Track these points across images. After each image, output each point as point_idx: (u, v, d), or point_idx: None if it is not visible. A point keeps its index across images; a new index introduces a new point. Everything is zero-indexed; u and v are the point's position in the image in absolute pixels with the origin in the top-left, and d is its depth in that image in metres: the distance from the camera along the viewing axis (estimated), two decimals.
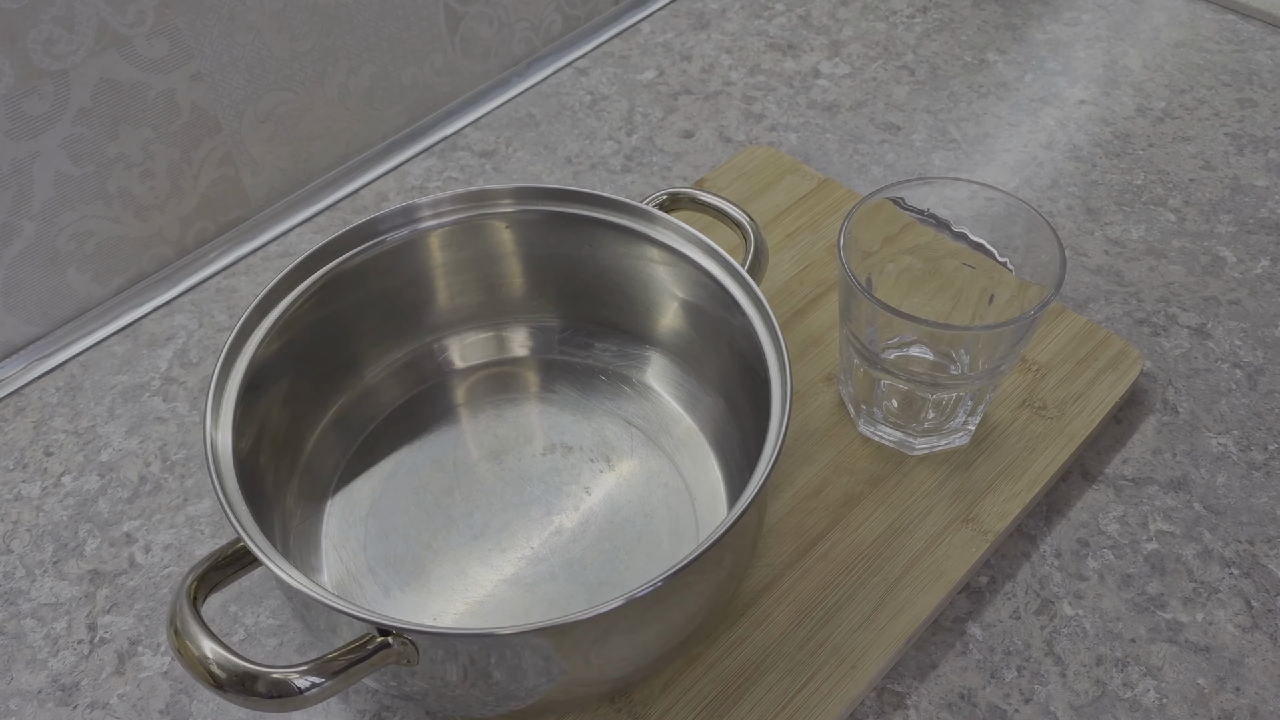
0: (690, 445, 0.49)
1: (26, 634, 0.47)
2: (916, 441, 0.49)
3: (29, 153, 0.52)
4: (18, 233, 0.54)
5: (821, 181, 0.62)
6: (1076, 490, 0.50)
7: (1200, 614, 0.46)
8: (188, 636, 0.35)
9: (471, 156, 0.67)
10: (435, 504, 0.48)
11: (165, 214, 0.59)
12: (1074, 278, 0.59)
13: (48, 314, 0.58)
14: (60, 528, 0.50)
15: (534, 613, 0.44)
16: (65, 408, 0.55)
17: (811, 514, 0.48)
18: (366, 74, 0.64)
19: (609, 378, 0.52)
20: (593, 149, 0.67)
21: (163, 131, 0.57)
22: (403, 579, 0.45)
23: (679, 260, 0.47)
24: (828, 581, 0.46)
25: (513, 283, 0.52)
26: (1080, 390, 0.52)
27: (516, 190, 0.48)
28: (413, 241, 0.48)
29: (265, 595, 0.47)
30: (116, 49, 0.53)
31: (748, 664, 0.43)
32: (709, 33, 0.75)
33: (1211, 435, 0.52)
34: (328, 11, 0.60)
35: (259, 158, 0.62)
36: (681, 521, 0.47)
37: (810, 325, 0.55)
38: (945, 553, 0.46)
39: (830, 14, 0.76)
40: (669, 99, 0.70)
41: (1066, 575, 0.47)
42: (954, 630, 0.46)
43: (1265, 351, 0.55)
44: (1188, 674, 0.44)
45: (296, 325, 0.45)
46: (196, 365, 0.57)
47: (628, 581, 0.45)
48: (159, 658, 0.46)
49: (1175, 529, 0.49)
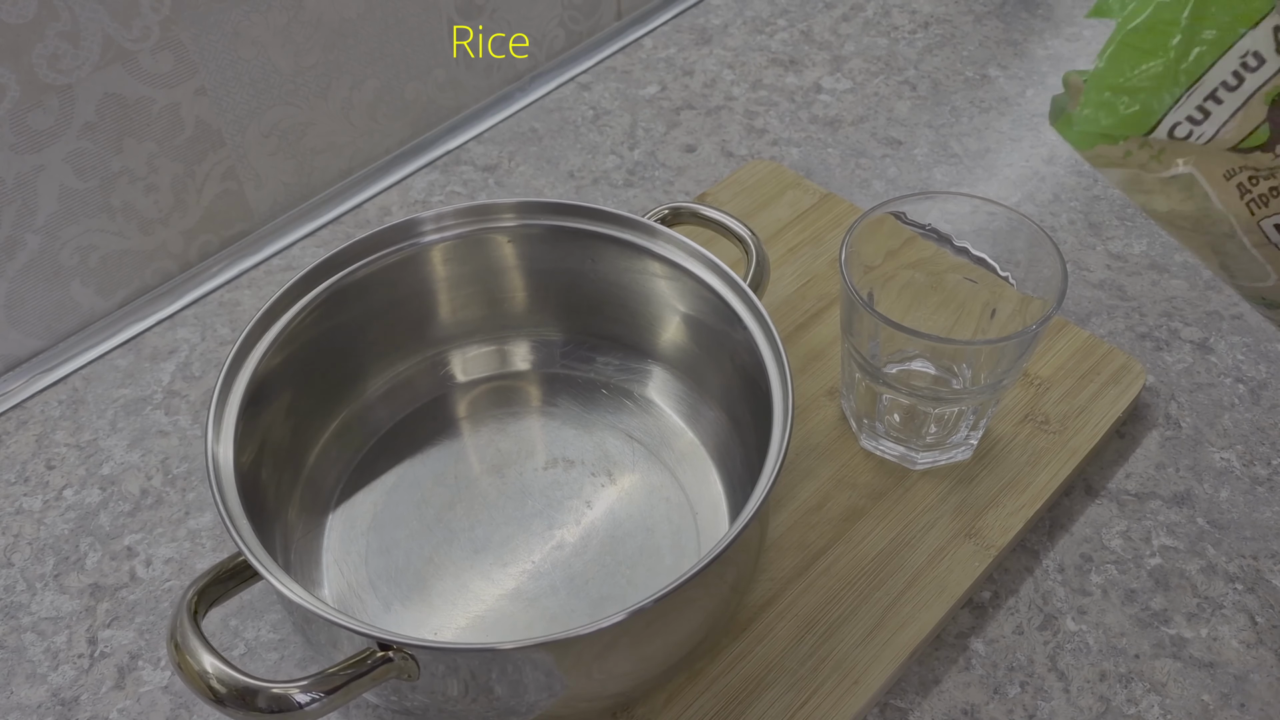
0: (692, 459, 0.49)
1: (27, 648, 0.46)
2: (919, 456, 0.49)
3: (34, 166, 0.53)
4: (22, 246, 0.54)
5: (823, 196, 0.62)
6: (1079, 505, 0.50)
7: (1204, 629, 0.46)
8: (188, 651, 0.35)
9: (474, 171, 0.67)
10: (437, 518, 0.48)
11: (169, 228, 0.60)
12: (1076, 292, 0.59)
13: (51, 327, 0.58)
14: (61, 541, 0.50)
15: (535, 627, 0.44)
16: (67, 421, 0.55)
17: (813, 528, 0.48)
18: (370, 88, 0.64)
19: (611, 392, 0.52)
20: (595, 164, 0.67)
21: (167, 146, 0.57)
22: (404, 593, 0.45)
23: (681, 275, 0.47)
24: (830, 596, 0.46)
25: (515, 297, 0.52)
26: (1083, 405, 0.52)
27: (519, 205, 0.49)
28: (415, 255, 0.48)
29: (266, 609, 0.47)
30: (121, 64, 0.53)
31: (750, 679, 0.43)
32: (711, 48, 0.75)
33: (1215, 450, 0.52)
34: (331, 27, 0.61)
35: (262, 172, 0.62)
36: (683, 536, 0.47)
37: (812, 339, 0.55)
38: (948, 567, 0.46)
39: (832, 29, 0.76)
40: (671, 114, 0.70)
41: (1070, 590, 0.47)
42: (957, 645, 0.46)
43: (1268, 366, 0.55)
44: (1192, 690, 0.44)
45: (299, 339, 0.45)
46: (199, 379, 0.57)
47: (629, 596, 0.45)
48: (159, 672, 0.46)
49: (1179, 544, 0.49)
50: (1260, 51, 0.33)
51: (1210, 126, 0.35)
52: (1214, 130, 0.34)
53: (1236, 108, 0.34)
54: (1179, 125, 0.35)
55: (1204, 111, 0.35)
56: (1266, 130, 0.34)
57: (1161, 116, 0.35)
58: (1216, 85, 0.34)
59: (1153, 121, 0.35)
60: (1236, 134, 0.34)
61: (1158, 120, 0.35)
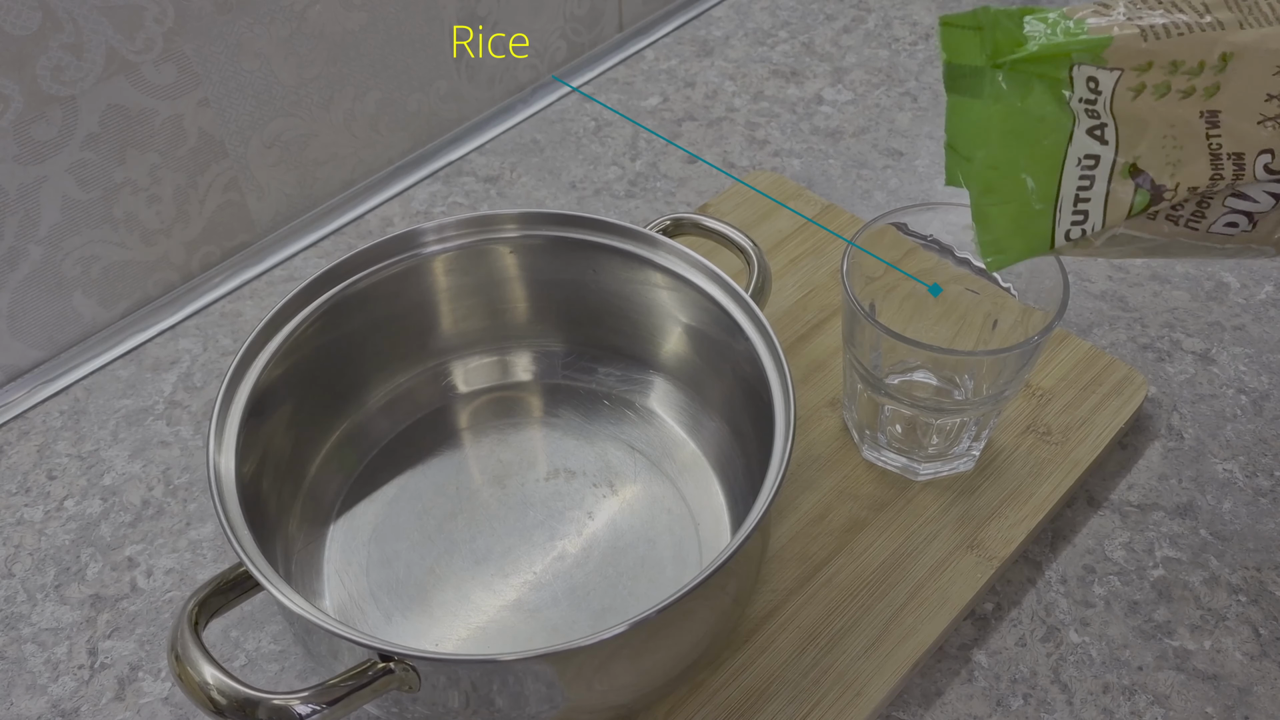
0: (694, 470, 0.49)
1: (27, 659, 0.46)
2: (920, 467, 0.49)
3: (36, 177, 0.53)
4: (24, 257, 0.54)
5: (825, 207, 0.62)
6: (1082, 516, 0.50)
7: (1208, 641, 0.46)
8: (189, 662, 0.35)
9: (476, 182, 0.67)
10: (438, 529, 0.48)
11: (171, 238, 0.60)
12: (1078, 303, 0.59)
13: (53, 338, 0.58)
14: (62, 552, 0.50)
15: (536, 639, 0.44)
16: (69, 431, 0.55)
17: (815, 540, 0.48)
18: (372, 100, 0.65)
19: (612, 402, 0.52)
20: (597, 174, 0.67)
21: (169, 157, 0.57)
22: (405, 604, 0.45)
23: (683, 285, 0.47)
24: (832, 608, 0.45)
25: (517, 307, 0.52)
26: (1085, 416, 0.52)
27: (521, 215, 0.49)
28: (417, 266, 0.48)
29: (267, 620, 0.47)
30: (124, 75, 0.53)
31: (751, 691, 0.43)
32: (713, 59, 0.75)
33: (1217, 461, 0.52)
34: (334, 38, 0.61)
35: (265, 183, 0.62)
36: (685, 547, 0.47)
37: (814, 350, 0.55)
38: (950, 579, 0.46)
39: (833, 41, 0.77)
40: (673, 125, 0.70)
41: (1072, 602, 0.47)
42: (959, 657, 0.45)
43: (1270, 377, 0.55)
44: (1195, 702, 0.44)
45: (301, 350, 0.45)
46: (200, 389, 0.57)
47: (631, 607, 0.45)
48: (160, 683, 0.45)
49: (1182, 555, 0.49)
50: (1089, 152, 0.36)
51: (1095, 218, 0.37)
52: (1100, 219, 0.37)
53: (1104, 196, 0.36)
54: (1070, 231, 0.37)
55: (1082, 214, 0.37)
56: (1146, 194, 0.36)
57: (1052, 235, 0.37)
58: (1074, 192, 0.37)
59: (1047, 243, 0.37)
60: (1121, 213, 0.36)
61: (1050, 239, 0.37)
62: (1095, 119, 0.36)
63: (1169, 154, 0.35)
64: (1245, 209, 0.36)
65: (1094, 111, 0.36)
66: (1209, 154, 0.35)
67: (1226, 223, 0.36)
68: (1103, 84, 0.35)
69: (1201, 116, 0.35)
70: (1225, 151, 0.35)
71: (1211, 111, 0.35)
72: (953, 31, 0.37)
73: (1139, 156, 0.36)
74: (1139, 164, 0.36)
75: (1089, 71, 0.35)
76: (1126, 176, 0.36)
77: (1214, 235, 0.37)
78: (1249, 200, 0.36)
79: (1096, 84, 0.35)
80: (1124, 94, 0.35)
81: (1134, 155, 0.36)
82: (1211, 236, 0.37)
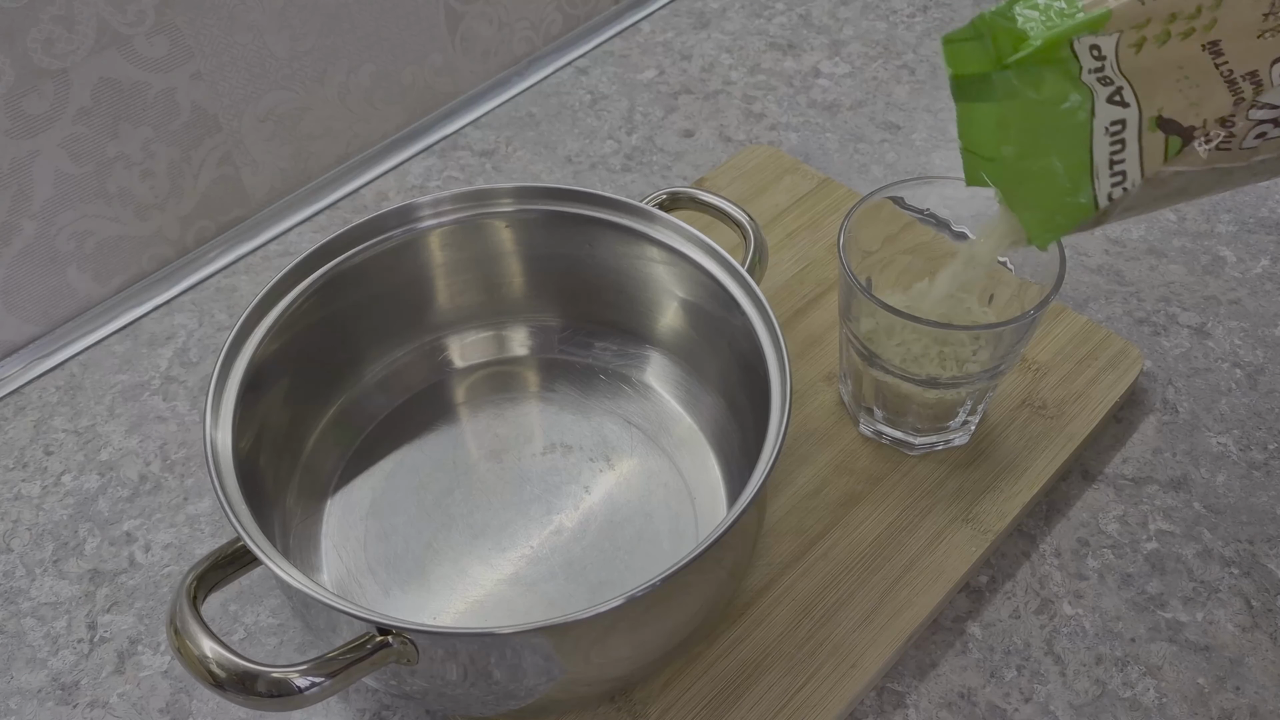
0: (690, 445, 0.49)
1: (26, 633, 0.47)
2: (916, 441, 0.49)
3: (29, 152, 0.52)
4: (18, 232, 0.54)
5: (822, 181, 0.62)
6: (1076, 490, 0.50)
7: (1200, 613, 0.46)
8: (187, 635, 0.35)
9: (471, 156, 0.67)
10: (435, 503, 0.48)
11: (165, 213, 0.59)
12: (1074, 277, 0.59)
13: (48, 313, 0.58)
14: (60, 527, 0.50)
15: (534, 612, 0.44)
16: (65, 407, 0.55)
17: (811, 513, 0.48)
18: (367, 73, 0.64)
19: (609, 377, 0.52)
20: (593, 148, 0.67)
21: (163, 130, 0.57)
22: (402, 578, 0.45)
23: (679, 260, 0.47)
24: (827, 581, 0.46)
25: (513, 282, 0.52)
26: (1080, 389, 0.52)
27: (516, 190, 0.48)
28: (413, 241, 0.48)
29: (265, 594, 0.47)
30: (116, 48, 0.53)
31: (748, 663, 0.43)
32: (709, 32, 0.75)
33: (1211, 435, 0.52)
34: (328, 11, 0.60)
35: (259, 157, 0.62)
36: (681, 521, 0.47)
37: (810, 325, 0.55)
38: (945, 552, 0.46)
39: (830, 13, 0.76)
40: (669, 98, 0.70)
41: (1066, 575, 0.47)
42: (954, 629, 0.46)
43: (1265, 351, 0.55)
44: (1188, 673, 0.44)
45: (296, 324, 0.45)
46: (196, 364, 0.57)
47: (627, 581, 0.45)
48: (159, 657, 0.46)
49: (1175, 528, 0.49)
50: (1114, 118, 0.36)
51: (1134, 175, 0.37)
52: (1139, 174, 0.37)
53: (1138, 154, 0.37)
54: (1112, 192, 0.38)
55: (1120, 174, 0.37)
56: (1177, 141, 0.36)
57: (1095, 201, 0.38)
58: (1108, 158, 0.37)
59: (1090, 210, 0.38)
60: (1157, 163, 0.37)
61: (1094, 206, 0.38)
62: (1110, 85, 0.36)
63: (1187, 94, 0.36)
64: (1271, 117, 0.36)
65: (1106, 79, 0.36)
66: (1224, 81, 0.36)
67: (1256, 134, 0.37)
68: (1105, 48, 0.36)
69: (1205, 49, 0.35)
70: (1238, 74, 0.36)
71: (1213, 42, 0.35)
72: (955, 47, 0.38)
73: (1161, 107, 0.36)
74: (1163, 114, 0.36)
75: (1089, 40, 0.36)
76: (1155, 129, 0.36)
77: (1245, 150, 0.37)
78: (1273, 108, 0.36)
79: (1099, 50, 0.36)
80: (1127, 52, 0.36)
81: (1156, 108, 0.36)
82: (1244, 153, 0.37)
